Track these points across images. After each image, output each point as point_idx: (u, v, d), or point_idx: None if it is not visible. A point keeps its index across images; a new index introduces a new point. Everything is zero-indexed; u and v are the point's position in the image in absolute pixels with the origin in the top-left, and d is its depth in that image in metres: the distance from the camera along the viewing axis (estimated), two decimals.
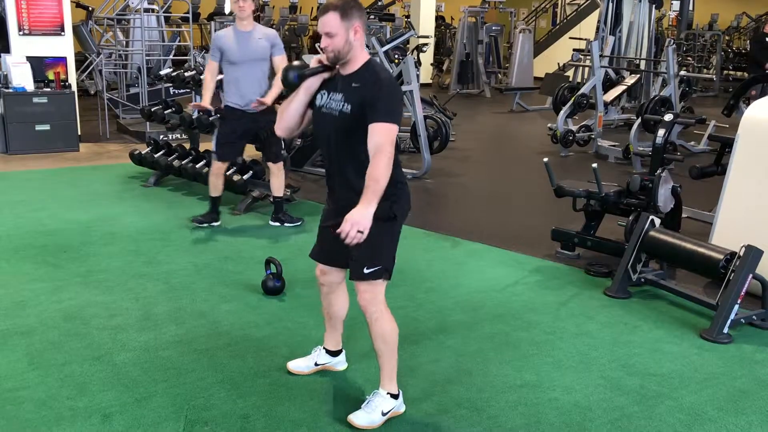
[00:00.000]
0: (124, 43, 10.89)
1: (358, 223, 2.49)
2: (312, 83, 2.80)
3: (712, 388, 3.28)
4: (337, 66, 2.76)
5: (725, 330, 3.78)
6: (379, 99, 2.61)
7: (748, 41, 14.74)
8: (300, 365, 3.30)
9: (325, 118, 2.77)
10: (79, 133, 8.44)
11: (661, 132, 5.24)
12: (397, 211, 2.78)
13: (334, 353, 3.32)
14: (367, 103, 2.62)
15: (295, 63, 2.84)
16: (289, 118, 2.85)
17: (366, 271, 2.76)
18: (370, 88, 2.65)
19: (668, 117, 5.38)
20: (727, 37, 20.19)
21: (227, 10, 18.41)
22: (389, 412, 2.90)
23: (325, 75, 2.80)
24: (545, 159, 5.19)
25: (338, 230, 2.50)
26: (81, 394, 3.04)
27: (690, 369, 3.45)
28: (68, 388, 3.09)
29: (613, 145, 8.79)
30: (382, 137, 2.57)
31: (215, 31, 14.44)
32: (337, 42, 2.66)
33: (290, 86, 2.81)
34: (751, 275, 3.81)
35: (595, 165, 4.82)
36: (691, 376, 3.38)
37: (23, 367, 3.26)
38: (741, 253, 3.85)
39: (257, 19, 18.74)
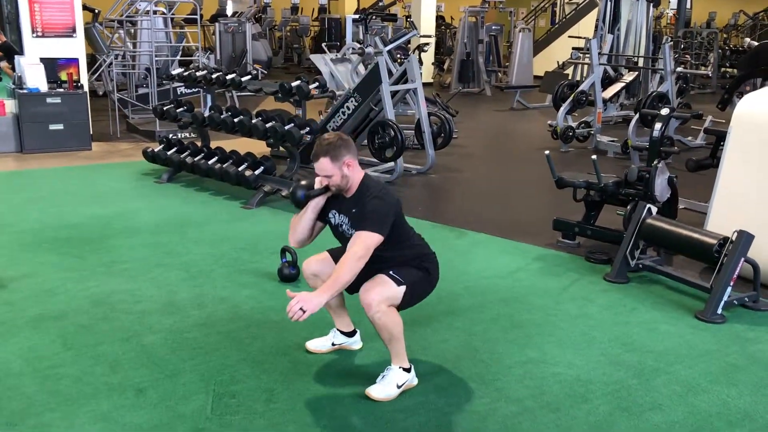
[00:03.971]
0: (133, 44, 11.10)
1: (305, 301, 2.78)
2: (318, 202, 3.17)
3: (706, 363, 3.49)
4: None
5: (719, 311, 3.99)
6: (366, 213, 3.00)
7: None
8: (318, 344, 3.51)
9: (344, 237, 3.15)
10: (91, 133, 8.66)
11: (657, 125, 5.45)
12: (429, 266, 3.16)
13: (349, 334, 3.53)
14: (359, 220, 3.00)
15: (302, 182, 3.19)
16: (300, 232, 3.22)
17: (392, 272, 3.03)
18: (362, 209, 3.02)
19: (665, 111, 5.60)
20: (724, 35, 20.41)
21: (229, 12, 18.66)
22: (403, 384, 3.12)
23: (329, 194, 3.15)
24: (546, 151, 5.41)
25: (288, 308, 2.80)
26: (114, 372, 3.25)
27: (685, 346, 3.67)
28: (102, 366, 3.30)
29: (612, 141, 9.00)
30: (359, 244, 2.93)
31: (219, 32, 14.72)
32: (335, 180, 3.06)
33: (298, 204, 3.19)
34: (743, 259, 4.02)
35: (594, 156, 5.03)
36: (686, 353, 3.59)
37: (58, 348, 3.47)
38: (733, 238, 4.06)
39: (258, 20, 19.05)
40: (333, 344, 3.51)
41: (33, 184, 6.85)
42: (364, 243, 2.92)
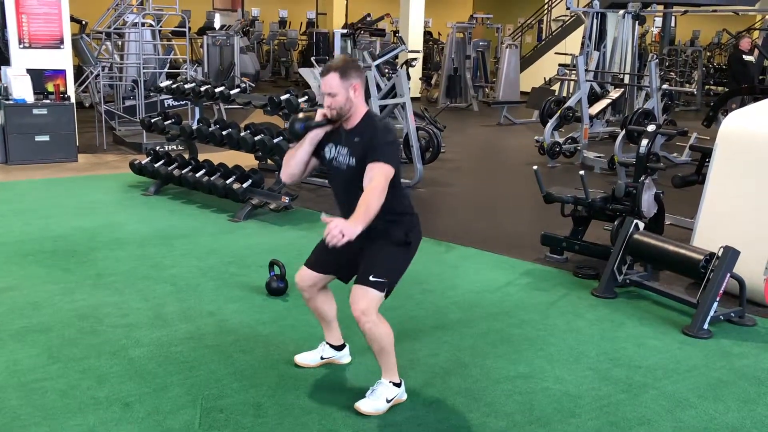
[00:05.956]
0: (120, 56, 11.07)
1: (344, 228, 2.66)
2: (316, 134, 3.06)
3: (693, 378, 3.50)
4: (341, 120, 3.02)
5: (705, 326, 4.02)
6: (377, 145, 2.91)
7: (728, 57, 15.29)
8: (307, 358, 3.49)
9: (337, 170, 3.06)
10: (77, 144, 8.61)
11: (644, 142, 5.49)
12: (412, 238, 3.08)
13: (338, 347, 3.51)
14: (367, 153, 2.91)
15: (301, 115, 3.09)
16: (294, 166, 3.11)
17: (371, 278, 2.96)
18: (369, 139, 2.93)
19: (651, 127, 5.65)
20: (708, 53, 20.65)
21: (217, 25, 18.67)
22: (393, 399, 3.11)
23: (329, 128, 3.06)
24: (535, 167, 5.43)
25: (326, 231, 2.67)
26: (101, 385, 3.22)
27: (672, 361, 3.68)
28: (88, 380, 3.26)
29: (599, 156, 9.07)
30: (377, 173, 2.85)
31: (207, 45, 14.72)
32: (339, 100, 2.94)
33: (296, 136, 3.07)
34: (729, 274, 4.05)
35: (582, 172, 5.06)
36: (674, 368, 3.61)
37: (44, 361, 3.43)
38: (719, 254, 4.10)
39: (246, 33, 19.08)
40: (322, 357, 3.49)
41: (18, 195, 6.79)
42: (383, 174, 2.83)
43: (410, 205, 3.13)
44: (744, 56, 10.93)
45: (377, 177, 2.83)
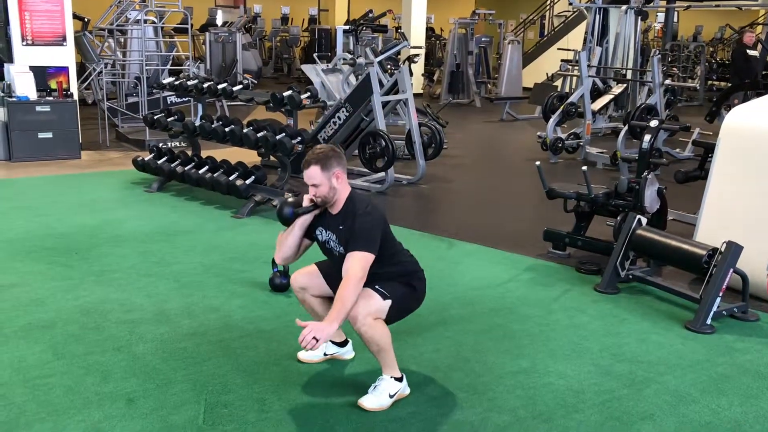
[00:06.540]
0: (123, 53, 11.09)
1: (318, 330, 2.76)
2: (305, 219, 3.15)
3: (696, 373, 3.51)
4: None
5: (708, 321, 4.02)
6: (355, 232, 2.98)
7: (731, 52, 15.35)
8: (310, 354, 3.49)
9: (331, 253, 3.17)
10: (80, 141, 8.62)
11: (647, 137, 5.49)
12: (416, 284, 3.16)
13: (341, 344, 3.52)
14: (349, 239, 2.98)
15: (290, 199, 3.17)
16: (287, 250, 3.20)
17: (377, 286, 3.02)
18: (350, 226, 3.01)
19: (654, 123, 5.64)
20: (711, 48, 20.61)
21: (219, 22, 18.67)
22: (395, 394, 3.12)
23: (317, 212, 3.14)
24: (537, 162, 5.43)
25: (300, 337, 2.78)
26: (105, 381, 3.23)
27: (675, 356, 3.69)
28: (93, 376, 3.28)
29: (601, 152, 9.06)
30: (354, 264, 2.92)
31: (210, 41, 14.71)
32: (323, 190, 3.04)
33: (285, 221, 3.16)
34: (731, 270, 4.05)
35: (584, 168, 5.06)
36: (677, 363, 3.61)
37: (48, 357, 3.45)
38: (722, 249, 4.10)
39: (248, 30, 19.08)
40: (325, 354, 3.50)
41: (21, 192, 6.81)
42: (360, 264, 2.92)
43: (412, 263, 3.22)
44: (747, 51, 10.90)
45: (353, 267, 2.91)
